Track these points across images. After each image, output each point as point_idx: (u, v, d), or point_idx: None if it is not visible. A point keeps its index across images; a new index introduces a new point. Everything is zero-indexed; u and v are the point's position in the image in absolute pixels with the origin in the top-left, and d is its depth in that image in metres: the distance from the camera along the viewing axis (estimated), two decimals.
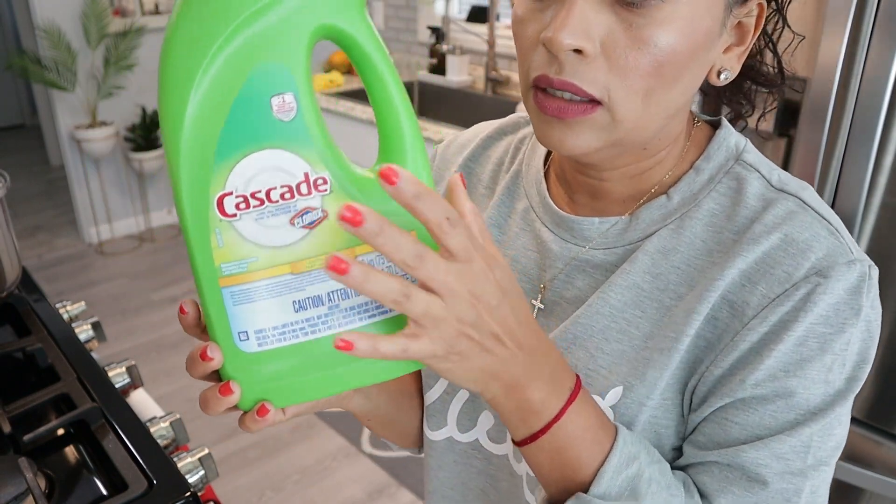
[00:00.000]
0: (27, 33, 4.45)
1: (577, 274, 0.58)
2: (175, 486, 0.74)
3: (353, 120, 2.61)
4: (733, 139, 0.57)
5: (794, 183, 0.54)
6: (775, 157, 1.28)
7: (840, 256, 0.48)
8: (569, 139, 0.48)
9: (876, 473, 1.21)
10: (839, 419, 0.50)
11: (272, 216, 0.39)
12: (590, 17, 0.45)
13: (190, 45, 0.37)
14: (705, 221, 0.54)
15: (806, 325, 0.48)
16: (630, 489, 0.48)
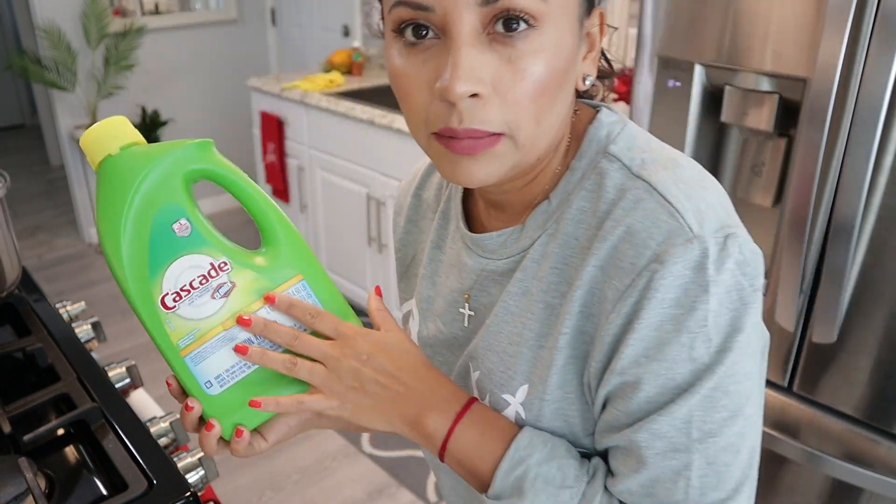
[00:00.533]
0: (27, 33, 4.45)
1: (489, 283, 0.63)
2: (175, 486, 0.74)
3: (353, 120, 2.61)
4: (604, 131, 0.58)
5: (653, 165, 0.54)
6: (775, 156, 1.29)
7: (677, 238, 0.50)
8: (477, 172, 0.52)
9: (876, 473, 1.21)
10: (723, 391, 0.51)
11: (199, 297, 0.57)
12: (476, 62, 0.48)
13: (111, 210, 0.55)
14: (576, 220, 0.56)
15: (656, 310, 0.50)
16: (516, 488, 0.54)
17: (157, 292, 0.56)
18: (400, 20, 0.50)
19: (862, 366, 1.21)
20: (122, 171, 0.55)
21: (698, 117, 1.35)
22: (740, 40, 1.22)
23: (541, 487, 0.54)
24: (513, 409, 0.59)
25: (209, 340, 0.57)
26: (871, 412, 1.22)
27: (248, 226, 2.71)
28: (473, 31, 0.48)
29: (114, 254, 0.55)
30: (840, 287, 1.17)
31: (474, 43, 0.48)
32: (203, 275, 0.57)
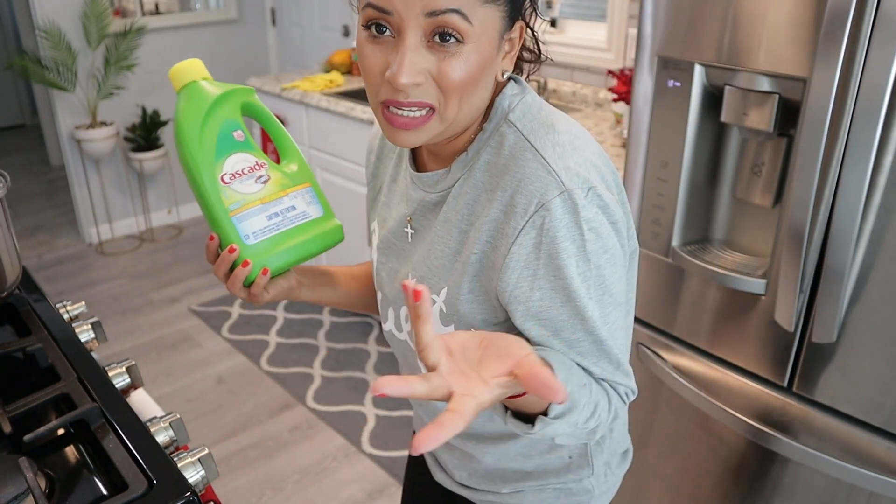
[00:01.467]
0: (28, 33, 4.45)
1: (426, 211, 0.83)
2: (175, 486, 0.74)
3: (353, 120, 2.61)
4: (507, 101, 0.77)
5: (542, 129, 0.73)
6: (775, 156, 1.29)
7: (552, 190, 0.68)
8: (407, 139, 0.72)
9: (876, 473, 1.21)
10: (609, 291, 0.72)
11: (246, 180, 0.84)
12: (417, 60, 0.66)
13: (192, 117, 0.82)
14: (483, 169, 0.76)
15: (551, 245, 0.69)
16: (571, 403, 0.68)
17: (218, 172, 0.82)
18: (367, 18, 0.68)
19: (862, 366, 1.21)
20: (201, 93, 0.83)
21: (698, 117, 1.35)
22: (740, 40, 1.22)
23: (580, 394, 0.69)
24: (437, 306, 0.80)
25: (251, 208, 0.83)
26: (870, 412, 1.22)
27: None
28: (417, 37, 0.66)
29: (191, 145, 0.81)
30: (840, 287, 1.17)
31: (417, 47, 0.66)
32: (250, 167, 0.85)
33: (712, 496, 1.54)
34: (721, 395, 1.44)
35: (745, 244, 1.42)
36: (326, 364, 2.75)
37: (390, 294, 0.89)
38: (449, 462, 0.97)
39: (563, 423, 0.68)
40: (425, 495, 1.09)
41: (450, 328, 0.79)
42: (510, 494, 0.93)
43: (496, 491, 0.94)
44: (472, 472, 0.95)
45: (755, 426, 1.35)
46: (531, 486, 0.92)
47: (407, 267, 0.85)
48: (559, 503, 0.93)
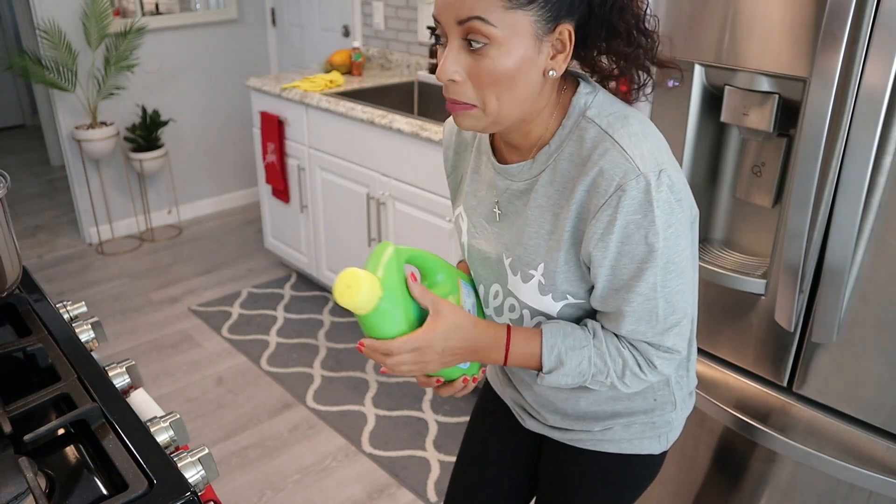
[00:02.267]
0: (28, 33, 4.45)
1: (512, 197, 0.95)
2: (175, 486, 0.74)
3: (353, 120, 2.61)
4: (582, 100, 0.88)
5: (617, 123, 0.85)
6: (775, 156, 1.29)
7: (631, 174, 0.80)
8: (462, 123, 0.86)
9: (876, 473, 1.21)
10: (672, 260, 0.84)
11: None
12: (457, 60, 0.81)
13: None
14: (568, 159, 0.88)
15: (623, 219, 0.82)
16: (559, 361, 0.91)
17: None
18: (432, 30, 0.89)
19: (861, 366, 1.21)
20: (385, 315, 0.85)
21: (698, 117, 1.35)
22: (740, 40, 1.22)
23: (570, 355, 0.91)
24: (536, 279, 0.93)
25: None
26: (870, 412, 1.22)
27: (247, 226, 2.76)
28: (457, 43, 0.80)
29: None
30: (840, 287, 1.17)
31: (458, 49, 0.80)
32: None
33: (712, 495, 1.54)
34: (721, 396, 1.44)
35: (744, 244, 1.42)
36: (326, 364, 2.75)
37: (483, 272, 1.02)
38: (544, 408, 1.08)
39: (558, 376, 0.92)
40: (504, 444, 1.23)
41: (547, 297, 0.93)
42: (601, 431, 1.06)
43: (588, 430, 1.06)
44: (564, 415, 1.07)
45: (755, 426, 1.35)
46: (620, 422, 1.05)
47: (499, 248, 0.98)
48: (645, 436, 1.06)
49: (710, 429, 1.49)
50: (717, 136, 1.39)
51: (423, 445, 2.28)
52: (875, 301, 1.16)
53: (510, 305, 0.99)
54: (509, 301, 0.99)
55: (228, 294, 3.30)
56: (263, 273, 3.51)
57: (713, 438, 1.49)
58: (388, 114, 2.48)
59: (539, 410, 1.10)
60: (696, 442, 1.53)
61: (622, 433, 1.05)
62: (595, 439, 1.06)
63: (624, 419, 1.04)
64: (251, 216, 4.20)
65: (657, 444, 1.07)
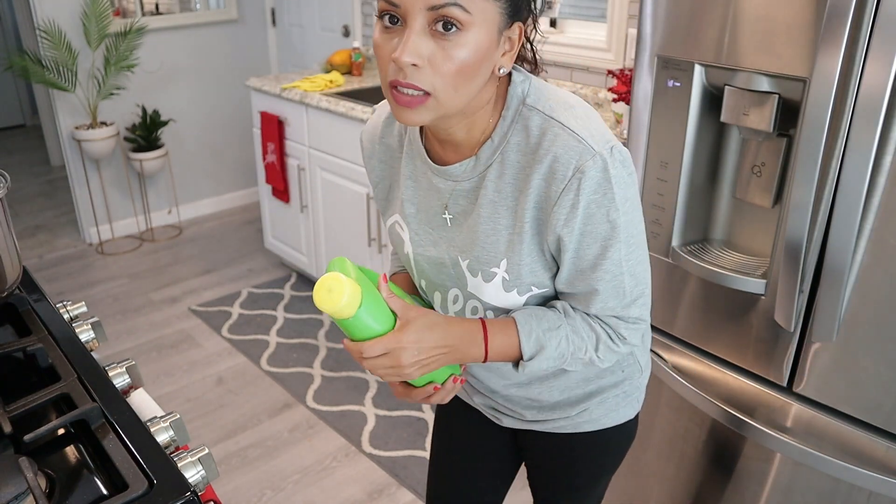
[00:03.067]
0: (28, 33, 4.45)
1: (458, 198, 0.93)
2: (175, 486, 0.74)
3: (353, 120, 2.61)
4: (519, 89, 0.87)
5: (559, 107, 0.85)
6: (775, 156, 1.29)
7: (587, 155, 0.81)
8: (412, 117, 0.81)
9: (876, 473, 1.21)
10: (631, 233, 0.86)
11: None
12: (419, 43, 0.76)
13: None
14: (515, 149, 0.87)
15: (584, 200, 0.82)
16: (539, 346, 0.91)
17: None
18: (381, 10, 0.78)
19: (861, 366, 1.21)
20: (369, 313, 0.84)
21: (698, 117, 1.35)
22: (740, 40, 1.22)
23: (548, 336, 0.91)
24: (499, 276, 0.91)
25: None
26: (870, 412, 1.22)
27: (246, 226, 2.76)
28: (421, 26, 0.76)
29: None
30: (840, 287, 1.17)
31: (421, 33, 0.76)
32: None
33: (711, 496, 1.54)
34: (721, 395, 1.44)
35: (744, 244, 1.42)
36: (326, 364, 2.75)
37: (436, 279, 1.00)
38: (519, 406, 1.09)
39: (540, 360, 0.91)
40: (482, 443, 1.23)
41: (512, 293, 0.93)
42: (578, 414, 1.07)
43: (566, 416, 1.08)
44: (541, 408, 1.08)
45: (755, 426, 1.35)
46: (595, 401, 1.07)
47: (452, 252, 0.95)
48: (620, 406, 1.09)
49: (710, 428, 1.49)
50: (717, 136, 1.39)
51: (423, 445, 2.28)
52: (875, 301, 1.16)
53: (472, 308, 0.98)
54: (471, 303, 0.97)
55: (228, 294, 3.30)
56: (263, 273, 3.51)
57: (713, 438, 1.49)
58: None
59: (514, 409, 1.10)
60: (696, 442, 1.53)
61: (598, 410, 1.07)
62: (574, 423, 1.08)
63: (598, 398, 1.07)
64: (251, 216, 4.20)
65: (631, 409, 1.11)
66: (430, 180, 0.95)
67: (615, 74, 2.19)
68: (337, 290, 0.80)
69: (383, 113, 1.04)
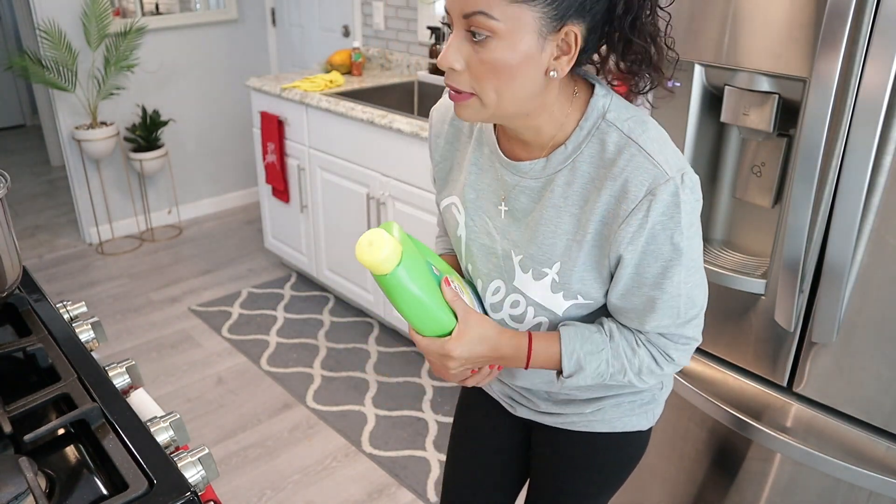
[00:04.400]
0: (28, 33, 4.45)
1: (520, 194, 0.95)
2: (175, 486, 0.74)
3: (353, 120, 2.61)
4: (601, 102, 0.89)
5: (638, 128, 0.87)
6: (775, 156, 1.29)
7: (660, 179, 0.83)
8: (462, 113, 0.87)
9: (876, 473, 1.21)
10: (692, 258, 0.89)
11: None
12: (458, 49, 0.82)
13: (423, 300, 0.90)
14: (588, 161, 0.89)
15: (653, 221, 0.84)
16: (578, 366, 0.94)
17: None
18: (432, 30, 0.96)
19: (861, 366, 1.21)
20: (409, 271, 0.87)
21: (698, 117, 1.35)
22: (740, 40, 1.22)
23: (588, 359, 0.94)
24: (550, 277, 0.94)
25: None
26: (870, 412, 1.22)
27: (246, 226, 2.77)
28: (461, 31, 0.81)
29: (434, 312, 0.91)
30: (840, 287, 1.17)
31: (460, 39, 0.81)
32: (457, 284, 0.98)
33: (712, 495, 1.54)
34: (721, 395, 1.44)
35: (744, 244, 1.42)
36: (326, 364, 2.75)
37: (483, 268, 1.02)
38: (535, 395, 1.12)
39: (578, 379, 0.95)
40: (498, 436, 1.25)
41: (558, 295, 0.95)
42: (592, 413, 1.09)
43: (580, 412, 1.09)
44: (556, 401, 1.10)
45: (755, 426, 1.35)
46: (610, 402, 1.08)
47: (506, 244, 0.98)
48: (634, 413, 1.10)
49: (710, 428, 1.49)
50: (717, 136, 1.39)
51: (423, 445, 2.28)
52: (875, 301, 1.16)
53: (513, 301, 0.99)
54: (512, 297, 0.99)
55: (228, 294, 3.30)
56: (263, 273, 3.51)
57: (713, 438, 1.49)
58: (388, 114, 2.48)
59: (530, 398, 1.13)
60: (696, 442, 1.53)
61: (612, 412, 1.09)
62: (586, 420, 1.09)
63: (613, 399, 1.08)
64: (251, 216, 4.20)
65: (645, 420, 1.11)
66: (497, 171, 0.98)
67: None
68: (378, 245, 0.82)
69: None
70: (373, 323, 3.03)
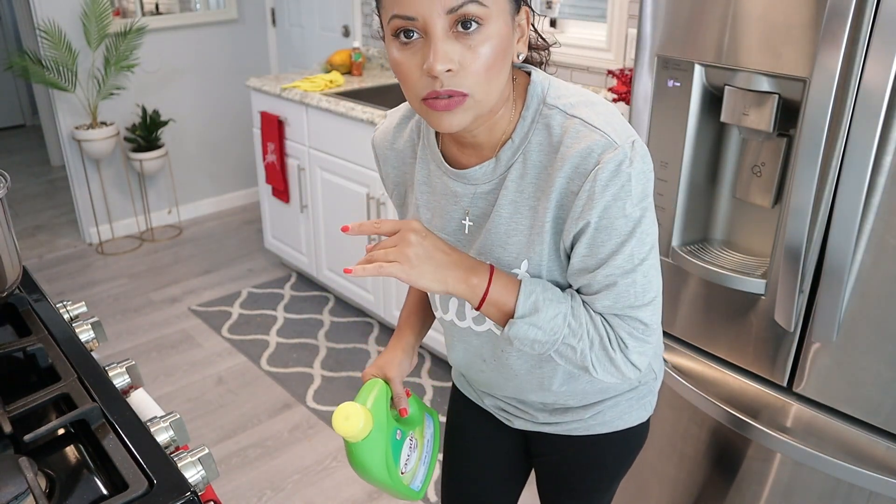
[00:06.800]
0: (28, 33, 4.45)
1: (478, 201, 0.92)
2: (175, 486, 0.74)
3: (353, 120, 2.61)
4: (539, 87, 0.87)
5: (580, 105, 0.84)
6: (775, 156, 1.29)
7: (608, 148, 0.80)
8: (453, 121, 0.80)
9: (876, 473, 1.21)
10: (646, 231, 0.84)
11: (410, 456, 1.05)
12: (448, 49, 0.75)
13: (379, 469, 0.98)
14: (537, 149, 0.86)
15: (602, 191, 0.80)
16: (534, 308, 0.86)
17: (400, 475, 1.01)
18: (395, 28, 0.77)
19: (862, 366, 1.21)
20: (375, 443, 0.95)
21: (698, 117, 1.35)
22: (740, 40, 1.22)
23: (546, 304, 0.86)
24: (520, 277, 0.89)
25: (417, 472, 1.06)
26: (870, 412, 1.22)
27: (246, 226, 2.77)
28: (443, 31, 0.75)
29: (388, 483, 0.99)
30: (840, 287, 1.17)
31: (445, 38, 0.75)
32: (410, 446, 1.04)
33: (712, 496, 1.54)
34: (721, 395, 1.44)
35: (744, 244, 1.42)
36: (326, 364, 2.75)
37: None
38: (530, 408, 1.10)
39: (530, 324, 0.86)
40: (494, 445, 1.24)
41: None
42: (591, 417, 1.08)
43: (578, 419, 1.08)
44: (553, 411, 1.09)
45: (755, 426, 1.35)
46: (608, 404, 1.07)
47: (472, 255, 0.93)
48: (632, 409, 1.09)
49: (710, 428, 1.49)
50: (717, 136, 1.39)
51: None
52: (875, 301, 1.16)
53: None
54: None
55: (228, 294, 3.30)
56: (263, 273, 3.51)
57: (713, 438, 1.49)
58: None
59: (526, 410, 1.11)
60: (696, 442, 1.53)
61: (611, 413, 1.08)
62: (586, 425, 1.09)
63: (611, 401, 1.07)
64: (251, 216, 4.20)
65: (644, 412, 1.11)
66: (447, 185, 0.94)
67: (615, 74, 2.19)
68: (353, 418, 0.92)
69: (395, 118, 1.03)
70: (373, 323, 3.03)
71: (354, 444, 0.94)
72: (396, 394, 1.03)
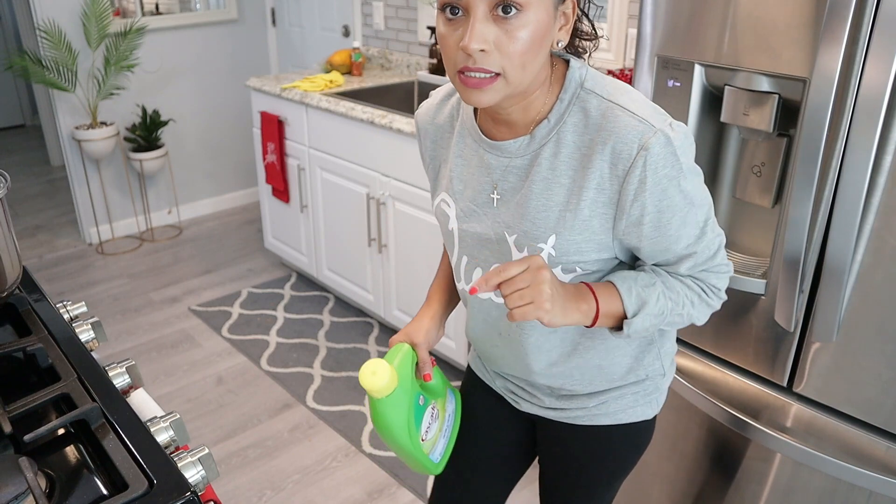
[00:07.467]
0: (28, 33, 4.45)
1: (509, 176, 0.96)
2: (175, 486, 0.74)
3: (353, 120, 2.61)
4: (577, 73, 0.92)
5: (617, 92, 0.89)
6: (775, 156, 1.29)
7: (648, 133, 0.84)
8: (483, 98, 0.85)
9: (876, 473, 1.21)
10: (702, 196, 0.92)
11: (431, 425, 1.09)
12: (484, 30, 0.80)
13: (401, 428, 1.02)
14: (572, 130, 0.90)
15: (654, 176, 0.85)
16: (641, 301, 0.93)
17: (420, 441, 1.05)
18: (443, 3, 0.83)
19: (861, 366, 1.21)
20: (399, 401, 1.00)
21: (698, 117, 1.35)
22: (740, 40, 1.22)
23: (647, 292, 0.93)
24: (545, 251, 0.94)
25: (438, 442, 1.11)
26: (870, 412, 1.22)
27: (246, 226, 2.77)
28: (483, 13, 0.80)
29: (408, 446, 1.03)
30: (840, 287, 1.17)
31: (484, 20, 0.80)
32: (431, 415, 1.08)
33: (712, 495, 1.54)
34: (721, 395, 1.44)
35: (744, 244, 1.42)
36: (326, 364, 2.75)
37: (479, 255, 1.03)
38: (539, 391, 1.12)
39: (644, 317, 0.93)
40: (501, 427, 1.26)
41: (556, 269, 0.95)
42: (596, 406, 1.10)
43: (583, 406, 1.10)
44: (560, 396, 1.11)
45: (755, 426, 1.35)
46: (613, 395, 1.09)
47: (498, 228, 0.98)
48: (638, 404, 1.11)
49: (710, 428, 1.49)
50: (717, 136, 1.39)
51: None
52: (875, 301, 1.16)
53: None
54: None
55: (228, 294, 3.30)
56: (263, 273, 3.51)
57: (713, 438, 1.49)
58: (388, 114, 2.48)
59: (534, 393, 1.13)
60: (696, 442, 1.53)
61: (615, 405, 1.10)
62: (591, 414, 1.10)
63: (617, 392, 1.09)
64: (251, 216, 4.20)
65: (649, 409, 1.12)
66: (482, 157, 0.99)
67: (615, 74, 2.19)
68: (380, 373, 0.95)
69: (438, 95, 1.09)
70: (373, 323, 3.03)
71: (379, 399, 0.97)
72: (422, 359, 1.08)
